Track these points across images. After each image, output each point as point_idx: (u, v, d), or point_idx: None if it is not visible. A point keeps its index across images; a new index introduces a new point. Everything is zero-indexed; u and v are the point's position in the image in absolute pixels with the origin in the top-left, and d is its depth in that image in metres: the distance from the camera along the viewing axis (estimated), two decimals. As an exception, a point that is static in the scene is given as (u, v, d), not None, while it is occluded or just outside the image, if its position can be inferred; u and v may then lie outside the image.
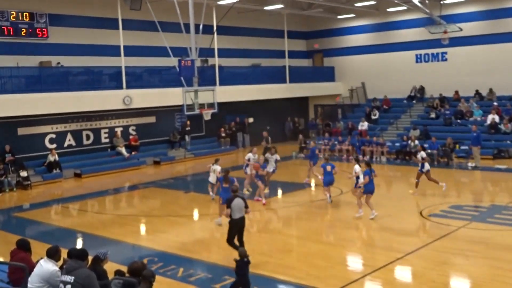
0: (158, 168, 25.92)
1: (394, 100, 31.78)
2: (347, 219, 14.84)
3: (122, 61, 24.23)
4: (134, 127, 27.12)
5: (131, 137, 26.59)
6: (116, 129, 26.27)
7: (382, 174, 22.80)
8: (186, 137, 28.48)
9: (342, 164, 25.31)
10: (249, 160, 18.24)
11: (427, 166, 17.87)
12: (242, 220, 11.35)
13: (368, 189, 14.69)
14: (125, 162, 25.46)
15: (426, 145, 24.91)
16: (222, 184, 14.21)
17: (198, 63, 25.37)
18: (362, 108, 32.88)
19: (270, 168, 18.39)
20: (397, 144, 26.17)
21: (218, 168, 16.52)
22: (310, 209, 16.20)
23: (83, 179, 23.17)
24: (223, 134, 30.17)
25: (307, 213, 15.74)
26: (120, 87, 24.59)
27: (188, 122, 28.56)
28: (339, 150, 27.27)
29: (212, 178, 16.92)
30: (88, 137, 25.30)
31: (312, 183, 20.11)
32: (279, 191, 19.16)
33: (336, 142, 27.89)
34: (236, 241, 11.36)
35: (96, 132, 25.58)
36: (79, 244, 13.43)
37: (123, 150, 25.65)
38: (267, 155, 18.98)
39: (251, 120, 32.73)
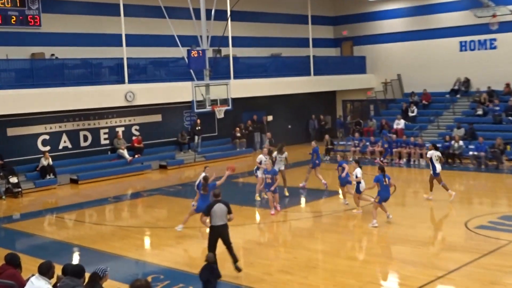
0: (164, 173, 26.04)
1: (434, 94, 31.53)
2: (379, 231, 14.75)
3: (124, 52, 24.41)
4: (137, 127, 27.31)
5: (134, 138, 26.78)
6: (117, 129, 26.48)
7: (421, 180, 22.66)
8: (196, 138, 28.61)
9: (374, 169, 25.12)
10: (260, 162, 18.45)
11: (439, 167, 18.04)
12: (224, 227, 11.64)
13: (383, 197, 15.20)
14: (128, 166, 25.64)
15: (472, 146, 24.79)
16: (200, 191, 14.53)
17: (209, 54, 25.54)
18: (398, 103, 32.64)
19: (278, 166, 18.69)
20: (439, 145, 25.86)
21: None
22: (337, 220, 16.16)
23: (80, 186, 23.38)
24: (239, 134, 30.24)
25: (333, 224, 15.70)
26: (122, 82, 24.78)
27: (199, 121, 28.68)
28: (371, 152, 27.14)
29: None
30: (85, 138, 25.55)
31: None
32: (302, 199, 19.13)
33: (367, 143, 27.77)
34: (221, 251, 11.52)
35: (95, 132, 25.81)
36: (75, 259, 13.55)
37: (125, 152, 25.84)
38: (277, 155, 19.23)
39: (270, 118, 32.74)
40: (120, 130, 26.51)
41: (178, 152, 28.17)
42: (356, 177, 16.34)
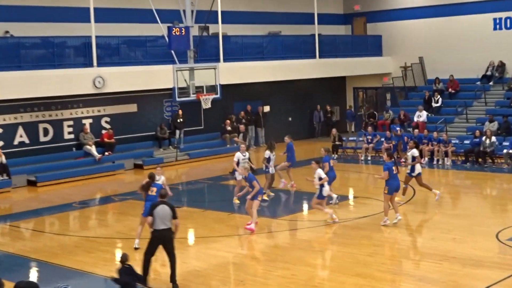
0: (140, 173, 26.02)
1: (463, 81, 31.61)
2: (394, 243, 14.80)
3: (92, 30, 24.39)
4: (108, 119, 27.31)
5: (104, 132, 26.79)
6: (84, 122, 26.48)
7: (445, 183, 22.76)
8: (178, 132, 28.63)
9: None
10: (238, 163, 18.95)
11: (418, 168, 18.39)
12: (167, 232, 12.11)
13: (393, 187, 16.09)
14: (96, 165, 25.66)
15: (506, 143, 24.87)
16: (146, 192, 14.83)
17: (195, 32, 25.61)
18: (420, 92, 32.72)
19: (271, 169, 19.64)
20: (467, 142, 26.06)
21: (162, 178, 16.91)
22: (343, 229, 16.20)
23: (39, 189, 23.37)
24: (229, 128, 30.24)
25: (339, 235, 15.75)
26: (90, 65, 24.77)
27: (181, 112, 28.69)
28: (387, 149, 27.15)
29: None
30: (46, 132, 25.55)
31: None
32: (304, 206, 19.20)
33: (382, 139, 27.87)
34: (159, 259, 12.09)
35: (57, 125, 25.79)
36: (32, 276, 13.54)
37: (93, 149, 25.84)
38: (268, 153, 19.70)
39: (267, 109, 32.77)
40: (87, 122, 26.50)
41: (156, 149, 28.20)
42: (320, 179, 16.44)
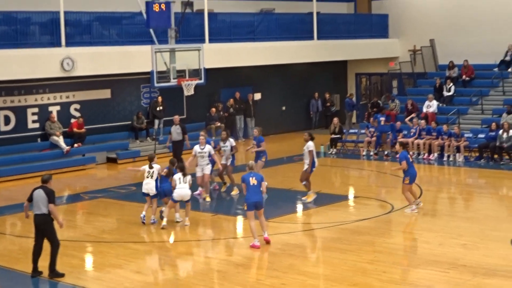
0: (113, 168, 26.09)
1: (479, 67, 31.69)
2: (397, 249, 14.90)
3: (61, 4, 24.29)
4: (77, 106, 27.30)
5: (73, 120, 26.78)
6: (51, 109, 26.46)
7: (456, 182, 22.90)
8: (157, 122, 28.64)
9: (397, 165, 25.31)
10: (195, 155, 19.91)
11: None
12: (42, 218, 13.33)
13: (413, 176, 17.76)
14: (64, 159, 25.67)
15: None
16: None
17: (177, 8, 25.56)
18: (430, 79, 32.80)
19: (225, 160, 20.56)
20: (482, 136, 26.15)
21: (158, 166, 17.51)
22: (343, 233, 16.29)
23: (0, 185, 23.38)
24: (215, 118, 30.31)
25: (337, 240, 15.83)
26: (57, 44, 24.72)
27: (160, 99, 28.69)
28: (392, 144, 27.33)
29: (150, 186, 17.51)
30: (7, 121, 25.52)
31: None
32: (298, 207, 19.28)
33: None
34: None
35: (20, 112, 25.76)
36: (-10, 283, 13.61)
37: (60, 140, 25.84)
38: (220, 144, 20.73)
39: (258, 96, 32.81)
40: (54, 110, 26.49)
41: (132, 140, 28.22)
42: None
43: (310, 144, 18.88)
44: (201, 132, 20.24)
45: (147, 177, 17.37)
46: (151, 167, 17.39)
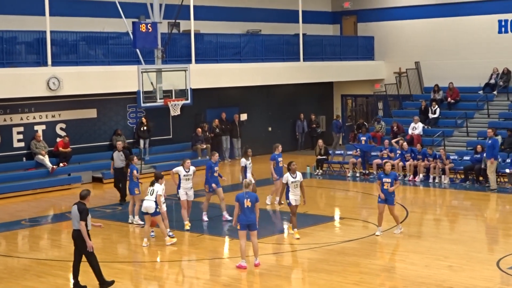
0: (99, 188, 25.98)
1: (464, 89, 31.92)
2: (383, 270, 14.90)
3: (47, 23, 24.28)
4: (63, 125, 27.22)
5: (59, 140, 26.70)
6: (37, 128, 26.36)
7: (442, 204, 22.96)
8: (142, 142, 28.57)
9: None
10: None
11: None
12: (75, 233, 13.91)
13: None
14: (50, 178, 25.53)
15: (509, 160, 25.09)
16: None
17: (163, 29, 25.64)
18: (415, 101, 33.00)
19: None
20: (467, 158, 26.25)
21: (160, 188, 17.29)
22: (329, 255, 16.28)
23: (-16, 204, 23.25)
24: (201, 138, 30.30)
25: (323, 261, 15.82)
26: (43, 63, 24.67)
27: (144, 120, 28.61)
28: (379, 165, 27.38)
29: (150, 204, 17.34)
30: (-8, 139, 25.46)
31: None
32: (284, 226, 19.26)
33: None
34: None
35: (5, 131, 25.64)
36: (-26, 303, 13.50)
37: (46, 159, 25.73)
38: (244, 161, 20.58)
39: (244, 117, 32.84)
40: (40, 129, 26.40)
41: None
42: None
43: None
44: (187, 160, 19.31)
45: (148, 194, 17.40)
46: (152, 185, 17.39)
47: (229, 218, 19.20)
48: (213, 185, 19.58)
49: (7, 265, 16.13)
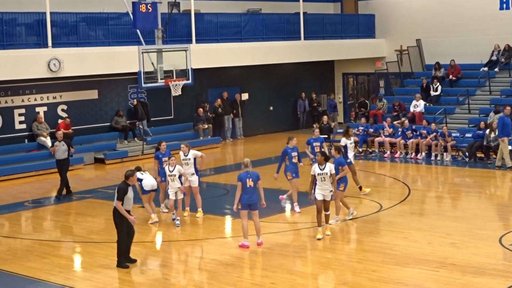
0: (101, 169, 26.01)
1: (465, 66, 31.83)
2: (386, 248, 14.93)
3: (47, 4, 24.22)
4: (65, 107, 27.24)
5: (60, 121, 26.70)
6: (38, 110, 26.39)
7: (444, 181, 22.96)
8: (139, 123, 28.64)
9: (385, 165, 25.45)
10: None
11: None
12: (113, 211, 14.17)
13: (347, 183, 17.15)
14: (51, 159, 25.46)
15: (511, 138, 25.00)
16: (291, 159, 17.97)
17: (163, 9, 25.53)
18: (417, 79, 32.94)
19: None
20: (469, 135, 26.20)
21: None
22: (332, 233, 16.27)
23: (-14, 186, 23.26)
24: (203, 118, 30.29)
25: (325, 239, 15.84)
26: (44, 45, 24.64)
27: (135, 102, 28.59)
28: (380, 144, 27.37)
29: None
30: (-6, 122, 25.46)
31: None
32: (287, 206, 19.26)
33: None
34: None
35: (7, 113, 25.68)
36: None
37: (48, 141, 25.74)
38: (345, 141, 20.25)
39: (245, 96, 32.80)
40: (41, 110, 26.43)
41: (120, 141, 28.14)
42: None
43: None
44: (182, 145, 18.11)
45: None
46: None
47: (298, 210, 18.30)
48: (288, 173, 18.32)
49: (10, 246, 16.18)
